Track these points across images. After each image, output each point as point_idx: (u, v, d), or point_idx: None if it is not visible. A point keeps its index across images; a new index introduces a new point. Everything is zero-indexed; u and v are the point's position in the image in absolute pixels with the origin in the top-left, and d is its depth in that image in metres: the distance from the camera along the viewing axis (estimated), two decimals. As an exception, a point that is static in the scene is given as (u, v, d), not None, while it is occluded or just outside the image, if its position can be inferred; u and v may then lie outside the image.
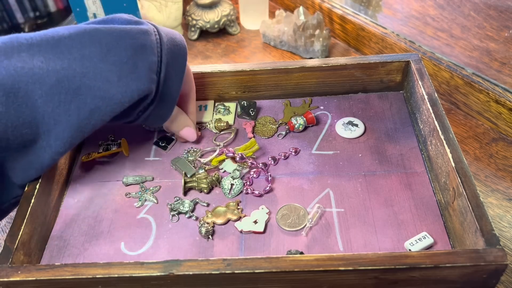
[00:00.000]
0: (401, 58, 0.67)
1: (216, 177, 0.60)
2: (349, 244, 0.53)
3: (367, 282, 0.46)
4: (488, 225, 0.46)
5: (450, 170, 0.53)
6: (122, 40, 0.53)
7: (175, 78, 0.57)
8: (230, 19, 1.01)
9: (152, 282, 0.47)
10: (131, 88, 0.52)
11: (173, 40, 0.58)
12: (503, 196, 0.66)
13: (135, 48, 0.53)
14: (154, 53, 0.54)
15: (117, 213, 0.58)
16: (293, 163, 0.62)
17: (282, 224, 0.55)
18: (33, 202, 0.53)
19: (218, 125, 0.66)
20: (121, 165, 0.64)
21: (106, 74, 0.51)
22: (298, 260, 0.45)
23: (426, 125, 0.60)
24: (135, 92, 0.53)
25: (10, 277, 0.46)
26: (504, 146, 0.73)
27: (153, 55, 0.54)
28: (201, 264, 0.46)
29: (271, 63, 0.67)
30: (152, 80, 0.54)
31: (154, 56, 0.54)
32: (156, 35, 0.56)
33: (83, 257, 0.54)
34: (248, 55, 0.97)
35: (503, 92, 0.72)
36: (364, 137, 0.64)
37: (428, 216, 0.55)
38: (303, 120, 0.65)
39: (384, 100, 0.69)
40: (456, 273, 0.45)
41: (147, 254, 0.54)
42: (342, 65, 0.67)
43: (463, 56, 0.80)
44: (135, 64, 0.53)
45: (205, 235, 0.54)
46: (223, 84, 0.69)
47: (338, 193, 0.58)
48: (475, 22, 0.82)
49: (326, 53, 0.93)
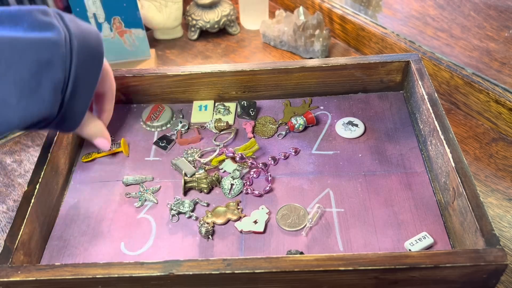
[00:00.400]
0: (401, 58, 0.67)
1: (216, 177, 0.60)
2: (349, 244, 0.53)
3: (367, 282, 0.46)
4: (488, 225, 0.46)
5: (450, 170, 0.52)
6: (25, 54, 0.46)
7: (84, 92, 0.52)
8: (230, 19, 1.01)
9: (152, 282, 0.47)
10: (31, 111, 0.46)
11: (88, 44, 0.51)
12: (503, 196, 0.66)
13: (40, 64, 0.46)
14: (62, 69, 0.48)
15: (117, 213, 0.58)
16: (293, 163, 0.62)
17: (282, 224, 0.55)
18: (33, 202, 0.53)
19: (218, 125, 0.66)
20: (121, 165, 0.64)
21: (3, 95, 0.45)
22: (298, 260, 0.45)
23: (426, 125, 0.60)
24: (35, 116, 0.47)
25: (10, 277, 0.46)
26: (504, 146, 0.73)
27: (60, 71, 0.48)
28: (201, 264, 0.46)
29: (271, 63, 0.67)
30: (55, 101, 0.48)
31: (61, 72, 0.48)
32: (67, 45, 0.49)
33: (83, 257, 0.54)
34: (248, 55, 0.97)
35: (503, 92, 0.72)
36: (364, 137, 0.64)
37: (428, 216, 0.55)
38: (303, 120, 0.65)
39: (384, 100, 0.69)
40: (456, 273, 0.45)
41: (147, 254, 0.54)
42: (342, 65, 0.67)
43: (463, 56, 0.80)
44: (39, 83, 0.46)
45: (205, 235, 0.54)
46: (223, 84, 0.69)
47: (338, 193, 0.58)
48: (475, 22, 0.82)
49: (326, 53, 0.93)
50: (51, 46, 0.47)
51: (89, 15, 0.83)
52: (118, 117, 0.70)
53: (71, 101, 0.50)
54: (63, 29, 0.49)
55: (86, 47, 0.51)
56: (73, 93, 0.50)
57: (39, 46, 0.46)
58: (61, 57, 0.48)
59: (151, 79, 0.68)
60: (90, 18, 0.84)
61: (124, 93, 0.70)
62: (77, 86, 0.50)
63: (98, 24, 0.85)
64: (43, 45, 0.47)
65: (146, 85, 0.69)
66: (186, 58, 0.97)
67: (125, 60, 0.90)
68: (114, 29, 0.86)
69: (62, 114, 0.50)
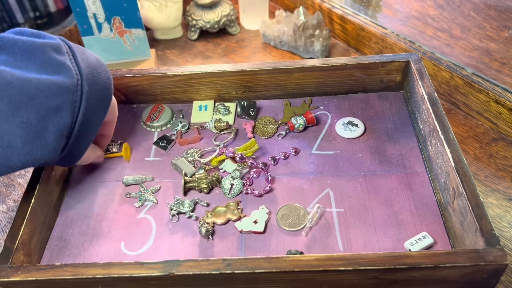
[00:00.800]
0: (401, 58, 0.67)
1: (216, 177, 0.60)
2: (349, 244, 0.53)
3: (367, 282, 0.46)
4: (488, 225, 0.46)
5: (450, 170, 0.53)
6: (35, 99, 0.45)
7: (89, 134, 0.51)
8: (230, 19, 1.01)
9: (152, 282, 0.47)
10: (35, 156, 0.46)
11: (98, 88, 0.50)
12: (503, 196, 0.66)
13: (49, 109, 0.45)
14: (70, 115, 0.47)
15: (117, 213, 0.58)
16: (293, 163, 0.62)
17: (282, 224, 0.55)
18: (33, 202, 0.53)
19: (218, 125, 0.66)
20: (121, 165, 0.64)
21: (9, 138, 0.44)
22: (298, 260, 0.45)
23: (426, 125, 0.60)
24: (37, 161, 0.46)
25: (10, 277, 0.46)
26: (504, 146, 0.73)
27: (68, 117, 0.47)
28: (201, 264, 0.46)
29: (271, 63, 0.67)
30: (59, 146, 0.48)
31: (68, 118, 0.47)
32: (78, 91, 0.47)
33: (83, 257, 0.54)
34: (248, 55, 0.97)
35: (503, 92, 0.72)
36: (364, 137, 0.64)
37: (428, 216, 0.55)
38: (303, 120, 0.65)
39: (384, 100, 0.69)
40: (456, 273, 0.45)
41: (147, 254, 0.54)
42: (342, 65, 0.67)
43: (463, 56, 0.80)
44: (45, 128, 0.45)
45: (205, 235, 0.54)
46: (223, 84, 0.69)
47: (338, 193, 0.58)
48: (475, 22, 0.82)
49: (326, 53, 0.93)
50: (62, 91, 0.46)
51: (89, 15, 0.83)
52: (118, 117, 0.70)
53: (74, 144, 0.50)
54: (75, 71, 0.48)
55: (96, 91, 0.50)
56: (77, 137, 0.49)
57: (50, 91, 0.45)
58: (71, 103, 0.47)
59: (151, 79, 0.68)
60: (90, 18, 0.84)
61: (124, 93, 0.70)
62: (83, 130, 0.49)
63: (98, 24, 0.85)
64: (54, 90, 0.46)
65: (146, 85, 0.69)
66: (186, 58, 0.97)
67: (125, 60, 0.90)
68: (114, 29, 0.86)
69: (63, 155, 0.50)
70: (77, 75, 0.48)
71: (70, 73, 0.47)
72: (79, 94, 0.48)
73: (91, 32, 0.85)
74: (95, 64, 0.52)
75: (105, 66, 0.54)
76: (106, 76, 0.52)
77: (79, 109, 0.48)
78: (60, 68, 0.47)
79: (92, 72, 0.50)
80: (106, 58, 0.89)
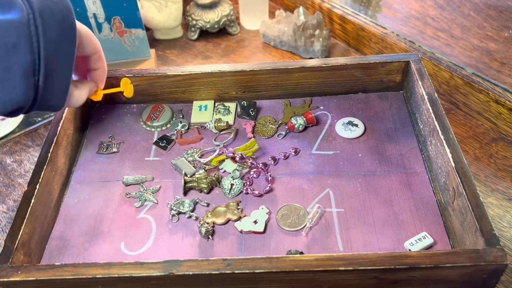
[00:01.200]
0: (401, 58, 0.67)
1: (216, 177, 0.60)
2: (349, 244, 0.53)
3: (367, 282, 0.46)
4: (488, 225, 0.46)
5: (450, 170, 0.52)
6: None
7: (61, 70, 0.49)
8: (230, 19, 1.01)
9: (152, 282, 0.47)
10: (4, 98, 0.45)
11: (56, 18, 0.48)
12: (503, 196, 0.66)
13: (6, 48, 0.44)
14: (30, 51, 0.45)
15: (117, 213, 0.58)
16: (293, 163, 0.62)
17: (282, 224, 0.55)
18: (33, 202, 0.53)
19: (218, 125, 0.66)
20: (121, 165, 0.64)
21: None
22: (298, 260, 0.45)
23: (426, 125, 0.60)
24: (8, 104, 0.45)
25: (10, 277, 0.46)
26: (504, 146, 0.73)
27: (29, 53, 0.45)
28: (201, 264, 0.46)
29: (271, 63, 0.67)
30: (28, 86, 0.46)
31: (29, 55, 0.45)
32: (32, 24, 0.45)
33: (83, 257, 0.54)
34: (248, 55, 0.97)
35: (503, 92, 0.72)
36: (364, 137, 0.64)
37: (428, 216, 0.55)
38: (303, 120, 0.65)
39: (384, 100, 0.69)
40: (456, 273, 0.45)
41: (147, 254, 0.54)
42: (342, 65, 0.67)
43: (463, 56, 0.80)
44: (7, 69, 0.44)
45: (205, 235, 0.54)
46: (223, 84, 0.69)
47: (338, 193, 0.58)
48: (475, 22, 0.82)
49: (326, 53, 0.93)
50: (15, 28, 0.44)
51: (89, 15, 0.83)
52: (118, 117, 0.70)
53: (48, 82, 0.48)
54: (25, 6, 0.45)
55: (54, 21, 0.47)
56: (47, 74, 0.47)
57: (1, 30, 0.44)
58: (27, 39, 0.45)
59: (151, 79, 0.68)
60: (90, 18, 0.84)
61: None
62: (51, 65, 0.47)
63: (98, 24, 0.85)
64: (5, 29, 0.44)
65: (146, 85, 0.69)
66: (186, 58, 0.97)
67: (125, 60, 0.90)
68: (114, 29, 0.86)
69: (40, 96, 0.48)
70: (27, 10, 0.46)
71: (19, 9, 0.45)
72: (34, 28, 0.46)
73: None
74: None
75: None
76: (62, 4, 0.49)
77: (38, 43, 0.46)
78: (7, 6, 0.45)
79: (45, 3, 0.47)
80: (106, 58, 0.89)
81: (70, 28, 0.49)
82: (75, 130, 0.66)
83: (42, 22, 0.46)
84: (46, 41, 0.46)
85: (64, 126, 0.62)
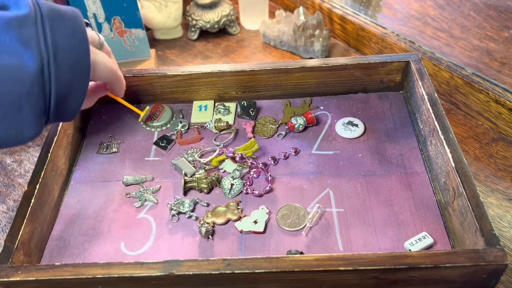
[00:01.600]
0: (401, 58, 0.67)
1: (216, 177, 0.60)
2: (349, 244, 0.53)
3: (367, 282, 0.46)
4: (488, 225, 0.46)
5: (450, 170, 0.52)
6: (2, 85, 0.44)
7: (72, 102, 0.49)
8: (230, 19, 1.01)
9: (152, 282, 0.47)
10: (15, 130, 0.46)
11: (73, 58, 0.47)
12: (503, 196, 0.66)
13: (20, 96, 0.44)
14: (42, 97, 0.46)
15: (117, 213, 0.58)
16: (293, 163, 0.62)
17: (282, 224, 0.55)
18: (33, 202, 0.53)
19: (218, 125, 0.66)
20: (121, 165, 0.64)
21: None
22: (298, 260, 0.45)
23: (426, 125, 0.60)
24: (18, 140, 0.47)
25: (10, 277, 0.46)
26: (504, 146, 0.73)
27: (41, 99, 0.46)
28: (201, 264, 0.46)
29: (271, 63, 0.67)
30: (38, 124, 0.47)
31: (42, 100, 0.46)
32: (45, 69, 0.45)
33: (83, 257, 0.54)
34: (248, 55, 0.97)
35: (503, 92, 0.72)
36: (364, 137, 0.64)
37: (428, 216, 0.55)
38: (303, 120, 0.65)
39: (384, 100, 0.69)
40: (456, 273, 0.45)
41: (147, 254, 0.54)
42: (342, 65, 0.67)
43: (463, 56, 0.80)
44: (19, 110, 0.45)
45: (205, 235, 0.54)
46: (223, 84, 0.69)
47: (338, 193, 0.58)
48: (475, 22, 0.82)
49: (326, 53, 0.93)
50: (29, 78, 0.44)
51: (89, 15, 0.83)
52: (118, 117, 0.70)
53: (57, 117, 0.49)
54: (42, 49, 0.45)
55: (68, 65, 0.47)
56: (57, 111, 0.48)
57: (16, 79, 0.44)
58: (40, 87, 0.45)
59: (151, 79, 0.68)
60: (90, 18, 0.84)
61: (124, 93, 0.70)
62: (62, 104, 0.48)
63: (98, 24, 0.85)
64: (20, 78, 0.44)
65: (146, 85, 0.69)
66: (186, 58, 0.97)
67: (125, 60, 0.90)
68: (114, 29, 0.86)
69: (53, 119, 0.49)
70: (43, 53, 0.45)
71: (35, 51, 0.44)
72: (47, 75, 0.45)
73: (91, 32, 0.85)
74: (69, 30, 0.48)
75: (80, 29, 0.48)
76: (79, 42, 0.48)
77: (50, 89, 0.46)
78: (25, 48, 0.44)
79: (62, 44, 0.46)
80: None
81: (83, 68, 0.49)
82: (75, 130, 0.66)
83: (55, 67, 0.46)
84: (58, 86, 0.47)
85: (64, 126, 0.62)
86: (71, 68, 0.47)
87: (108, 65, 0.55)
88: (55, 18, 0.47)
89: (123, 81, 0.59)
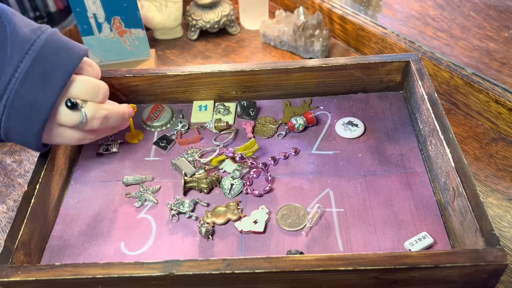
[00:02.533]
0: (401, 58, 0.67)
1: (216, 177, 0.60)
2: (349, 244, 0.53)
3: (367, 282, 0.46)
4: (488, 225, 0.46)
5: (450, 170, 0.52)
6: None
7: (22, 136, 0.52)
8: (230, 19, 1.01)
9: (152, 282, 0.47)
10: None
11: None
12: (503, 196, 0.66)
13: None
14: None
15: (117, 213, 0.58)
16: (293, 163, 0.62)
17: (282, 224, 0.55)
18: (33, 202, 0.53)
19: (218, 125, 0.66)
20: (121, 165, 0.64)
21: None
22: (298, 260, 0.45)
23: (426, 125, 0.60)
24: None
25: (10, 277, 0.46)
26: (504, 146, 0.73)
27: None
28: (201, 264, 0.46)
29: (271, 63, 0.67)
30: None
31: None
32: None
33: (83, 257, 0.54)
34: (248, 55, 0.97)
35: (503, 92, 0.72)
36: (364, 137, 0.64)
37: (428, 216, 0.55)
38: (303, 120, 0.65)
39: (384, 100, 0.69)
40: (456, 273, 0.45)
41: (147, 254, 0.54)
42: (342, 65, 0.67)
43: (463, 56, 0.80)
44: None
45: (205, 235, 0.54)
46: (223, 84, 0.69)
47: (338, 193, 0.58)
48: (475, 22, 0.82)
49: (326, 53, 0.93)
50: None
51: (89, 15, 0.83)
52: (118, 117, 0.70)
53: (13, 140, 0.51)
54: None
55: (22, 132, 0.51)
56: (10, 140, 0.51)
57: None
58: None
59: (151, 79, 0.68)
60: (90, 18, 0.84)
61: (124, 93, 0.70)
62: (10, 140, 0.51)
63: (98, 24, 0.85)
64: None
65: (146, 85, 0.69)
66: (186, 58, 0.97)
67: (125, 60, 0.90)
68: (114, 29, 0.86)
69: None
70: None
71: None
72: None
73: (91, 32, 0.85)
74: (23, 126, 0.51)
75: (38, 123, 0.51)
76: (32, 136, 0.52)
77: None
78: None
79: (16, 132, 0.51)
80: (106, 58, 0.89)
81: (34, 133, 0.52)
82: (75, 130, 0.66)
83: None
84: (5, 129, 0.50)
85: (64, 126, 0.62)
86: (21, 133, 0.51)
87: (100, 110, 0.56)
88: (15, 109, 0.50)
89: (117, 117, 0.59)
